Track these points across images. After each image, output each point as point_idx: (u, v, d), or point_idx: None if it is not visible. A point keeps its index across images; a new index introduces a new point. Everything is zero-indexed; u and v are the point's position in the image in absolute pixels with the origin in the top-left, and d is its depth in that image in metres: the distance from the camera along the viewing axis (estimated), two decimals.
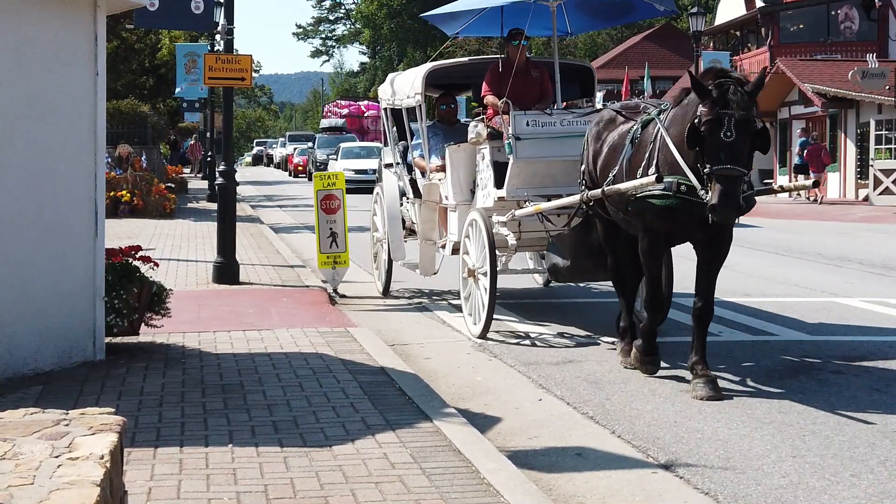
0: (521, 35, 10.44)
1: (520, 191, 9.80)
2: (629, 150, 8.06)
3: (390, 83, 12.33)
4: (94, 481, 3.27)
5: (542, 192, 9.76)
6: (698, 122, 7.09)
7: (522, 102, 10.01)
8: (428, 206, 11.16)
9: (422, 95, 11.01)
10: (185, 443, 5.88)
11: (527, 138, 9.63)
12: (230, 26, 13.74)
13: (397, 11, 77.65)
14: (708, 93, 7.06)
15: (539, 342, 9.36)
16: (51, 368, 7.63)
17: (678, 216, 7.55)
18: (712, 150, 7.02)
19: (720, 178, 6.97)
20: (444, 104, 11.84)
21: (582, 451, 6.22)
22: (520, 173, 9.71)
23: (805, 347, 9.04)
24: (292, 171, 52.99)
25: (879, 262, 15.40)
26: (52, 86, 7.71)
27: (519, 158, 9.63)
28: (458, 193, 10.63)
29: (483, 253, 9.47)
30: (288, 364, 7.95)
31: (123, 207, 23.38)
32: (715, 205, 6.95)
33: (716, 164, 7.00)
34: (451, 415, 6.53)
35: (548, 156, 9.71)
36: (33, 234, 7.59)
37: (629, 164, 8.02)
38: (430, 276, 11.56)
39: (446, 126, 11.62)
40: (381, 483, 5.21)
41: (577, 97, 12.20)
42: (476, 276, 9.60)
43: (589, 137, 8.83)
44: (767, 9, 43.28)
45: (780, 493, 5.43)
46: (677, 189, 7.41)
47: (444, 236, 11.13)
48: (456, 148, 10.65)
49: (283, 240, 19.05)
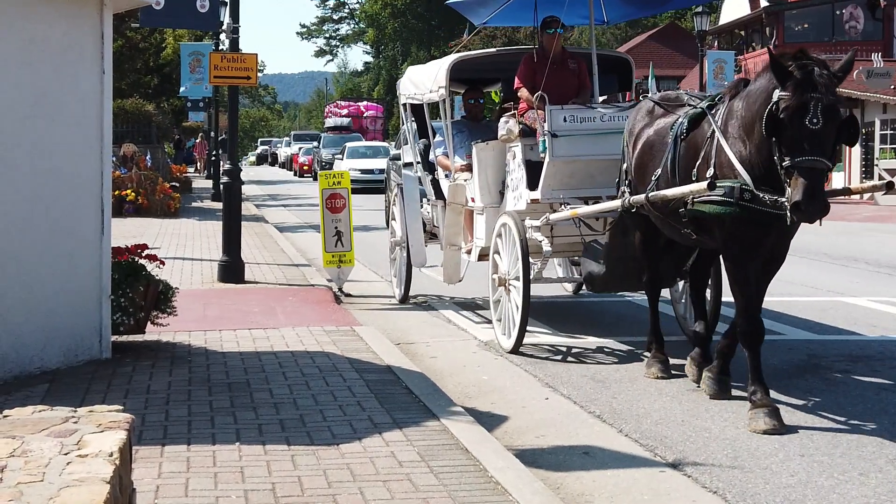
0: (557, 23, 9.74)
1: (555, 192, 9.09)
2: (671, 148, 7.35)
3: (410, 77, 11.81)
4: (103, 478, 3.27)
5: (580, 193, 9.11)
6: (776, 107, 6.21)
7: (559, 96, 9.24)
8: (453, 209, 10.38)
9: (446, 89, 10.35)
10: (193, 441, 5.87)
11: (564, 135, 8.93)
12: (235, 25, 13.74)
13: (401, 11, 77.64)
14: (790, 74, 6.19)
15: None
16: (57, 367, 7.63)
17: (745, 226, 6.72)
18: (795, 140, 6.15)
19: (804, 172, 6.09)
20: (472, 98, 11.16)
21: (589, 449, 6.21)
22: (556, 173, 9.01)
23: (812, 347, 9.02)
24: (297, 170, 52.91)
25: (886, 262, 15.37)
26: (59, 85, 7.71)
27: (555, 157, 8.92)
28: (485, 195, 9.95)
29: (515, 260, 8.77)
30: (294, 363, 7.94)
31: (128, 206, 23.39)
32: (799, 202, 6.04)
33: (799, 155, 6.12)
34: (458, 413, 6.52)
35: (586, 154, 9.02)
36: (41, 233, 7.59)
37: (677, 166, 7.27)
38: (455, 283, 10.84)
39: (472, 122, 11.01)
40: (388, 481, 5.21)
41: (615, 91, 11.39)
42: (507, 285, 8.92)
43: (626, 133, 8.21)
44: (772, 8, 43.26)
45: (789, 491, 5.42)
46: (740, 195, 6.61)
47: (470, 241, 10.44)
48: (484, 146, 9.98)
49: (288, 239, 19.04)
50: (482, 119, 11.22)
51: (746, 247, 6.82)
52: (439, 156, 10.98)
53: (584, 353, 8.90)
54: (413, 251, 11.01)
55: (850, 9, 42.85)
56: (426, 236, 11.28)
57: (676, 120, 7.45)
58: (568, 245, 9.53)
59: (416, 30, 76.78)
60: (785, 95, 6.18)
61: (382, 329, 9.75)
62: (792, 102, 6.14)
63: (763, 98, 6.46)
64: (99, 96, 7.92)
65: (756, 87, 6.63)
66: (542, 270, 9.23)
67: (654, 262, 8.23)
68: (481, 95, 11.43)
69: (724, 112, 6.95)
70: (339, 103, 63.37)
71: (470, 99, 11.18)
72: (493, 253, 9.29)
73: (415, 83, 11.44)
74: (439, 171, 11.02)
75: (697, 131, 7.17)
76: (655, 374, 7.89)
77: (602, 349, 9.04)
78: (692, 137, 7.19)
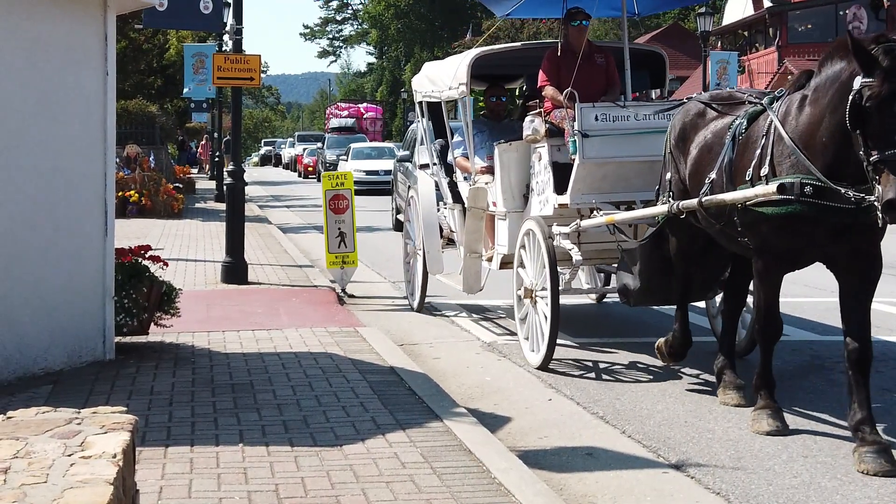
0: (583, 15, 9.19)
1: (586, 197, 8.51)
2: (729, 149, 6.74)
3: (427, 73, 11.24)
4: (107, 480, 3.27)
5: (612, 198, 8.52)
6: (860, 97, 5.62)
7: (586, 93, 8.62)
8: (474, 214, 9.69)
9: (466, 86, 9.75)
10: (196, 442, 5.88)
11: (595, 135, 8.33)
12: (239, 26, 13.76)
13: (404, 12, 77.65)
14: (876, 60, 5.59)
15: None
16: (61, 368, 7.64)
17: (802, 227, 6.15)
18: (884, 132, 5.53)
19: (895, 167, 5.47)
20: (493, 96, 10.61)
21: (592, 450, 6.21)
22: (586, 176, 8.42)
23: (815, 348, 9.02)
24: (302, 171, 52.87)
25: (890, 263, 15.28)
26: (62, 86, 7.72)
27: (586, 159, 8.33)
28: (508, 199, 9.38)
29: (542, 270, 8.19)
30: (297, 363, 7.95)
31: (132, 207, 23.40)
32: (892, 200, 5.42)
33: (889, 148, 5.50)
34: (461, 414, 6.53)
35: (620, 156, 8.43)
36: (45, 234, 7.60)
37: (732, 167, 6.68)
38: (476, 293, 10.31)
39: (493, 121, 10.47)
40: (392, 482, 5.21)
41: (646, 87, 10.80)
42: (534, 296, 8.37)
43: (671, 137, 7.54)
44: (775, 9, 43.23)
45: (792, 492, 5.42)
46: (801, 191, 6.02)
47: (491, 248, 9.84)
48: (507, 147, 9.36)
49: (292, 240, 19.05)
50: (504, 118, 10.68)
51: (793, 250, 6.33)
52: (458, 157, 10.49)
53: (589, 354, 8.85)
54: (429, 258, 10.44)
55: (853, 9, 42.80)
56: (443, 242, 10.72)
57: (734, 120, 6.88)
58: (596, 253, 8.96)
59: (419, 30, 76.77)
60: (871, 83, 5.58)
61: (385, 330, 9.75)
62: (882, 91, 5.54)
63: (838, 87, 5.85)
64: (102, 97, 7.94)
65: (828, 77, 6.01)
66: (572, 281, 8.56)
67: (688, 269, 7.70)
68: (504, 93, 10.89)
69: (784, 106, 6.38)
70: (340, 105, 63.93)
71: (492, 97, 10.66)
72: (518, 266, 8.73)
73: (432, 80, 10.89)
74: (458, 173, 10.53)
75: (753, 128, 6.61)
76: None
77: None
78: (749, 136, 6.62)
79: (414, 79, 11.70)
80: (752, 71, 42.97)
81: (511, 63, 10.67)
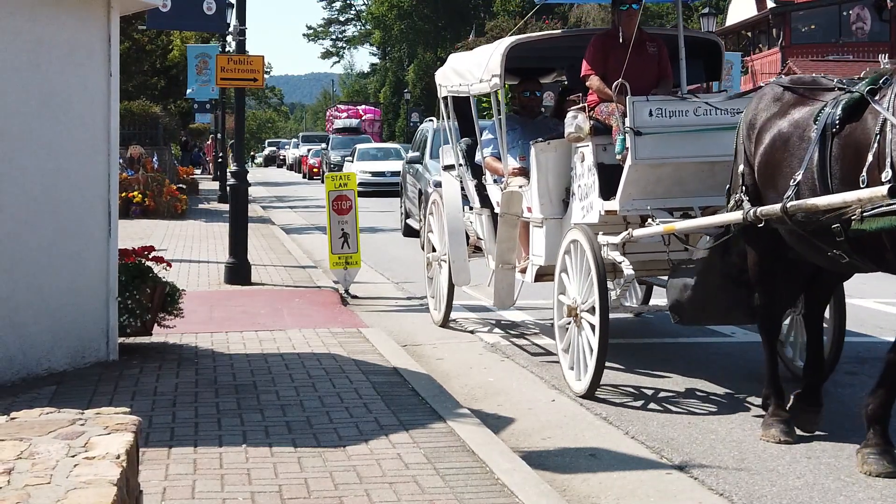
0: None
1: (638, 202, 7.53)
2: (817, 144, 5.79)
3: (453, 66, 10.25)
4: (110, 480, 3.27)
5: (667, 204, 7.59)
6: None
7: (637, 86, 7.62)
8: (507, 221, 8.76)
9: (501, 77, 8.71)
10: (199, 443, 5.88)
11: (650, 133, 7.35)
12: (242, 27, 13.77)
13: (407, 12, 77.64)
14: None
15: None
16: (64, 368, 7.64)
17: None
18: None
19: None
20: (527, 90, 9.60)
21: (596, 451, 6.21)
22: (638, 179, 7.45)
23: None
24: (307, 172, 52.76)
25: None
26: (66, 86, 7.73)
27: (639, 160, 7.35)
28: (545, 205, 8.42)
29: (590, 287, 7.28)
30: (300, 364, 7.95)
31: (135, 208, 23.42)
32: None
33: None
34: (464, 415, 6.53)
35: (677, 156, 7.46)
36: (48, 234, 7.61)
37: (830, 168, 5.71)
38: (508, 308, 9.66)
39: (527, 118, 9.55)
40: (395, 483, 5.21)
41: (701, 80, 9.65)
42: (579, 315, 7.46)
43: (743, 124, 6.60)
44: (779, 9, 43.23)
45: (795, 493, 5.42)
46: None
47: (525, 258, 8.93)
48: (544, 146, 8.41)
49: (295, 240, 19.06)
50: (538, 115, 9.74)
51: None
52: (487, 157, 9.54)
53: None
54: (455, 268, 9.57)
55: (857, 10, 42.80)
56: (469, 250, 9.86)
57: (822, 109, 5.90)
58: (642, 264, 7.98)
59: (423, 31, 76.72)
60: None
61: (389, 331, 9.75)
62: None
63: None
64: (106, 98, 7.94)
65: None
66: (622, 298, 7.70)
67: (774, 289, 6.56)
68: (538, 87, 9.80)
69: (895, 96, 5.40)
70: (339, 107, 64.49)
71: (525, 91, 9.63)
72: (560, 272, 7.84)
73: (459, 73, 9.89)
74: (487, 175, 9.60)
75: (858, 124, 5.62)
76: (776, 436, 6.27)
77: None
78: (851, 133, 5.64)
79: (438, 72, 10.79)
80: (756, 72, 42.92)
81: (548, 54, 9.75)
